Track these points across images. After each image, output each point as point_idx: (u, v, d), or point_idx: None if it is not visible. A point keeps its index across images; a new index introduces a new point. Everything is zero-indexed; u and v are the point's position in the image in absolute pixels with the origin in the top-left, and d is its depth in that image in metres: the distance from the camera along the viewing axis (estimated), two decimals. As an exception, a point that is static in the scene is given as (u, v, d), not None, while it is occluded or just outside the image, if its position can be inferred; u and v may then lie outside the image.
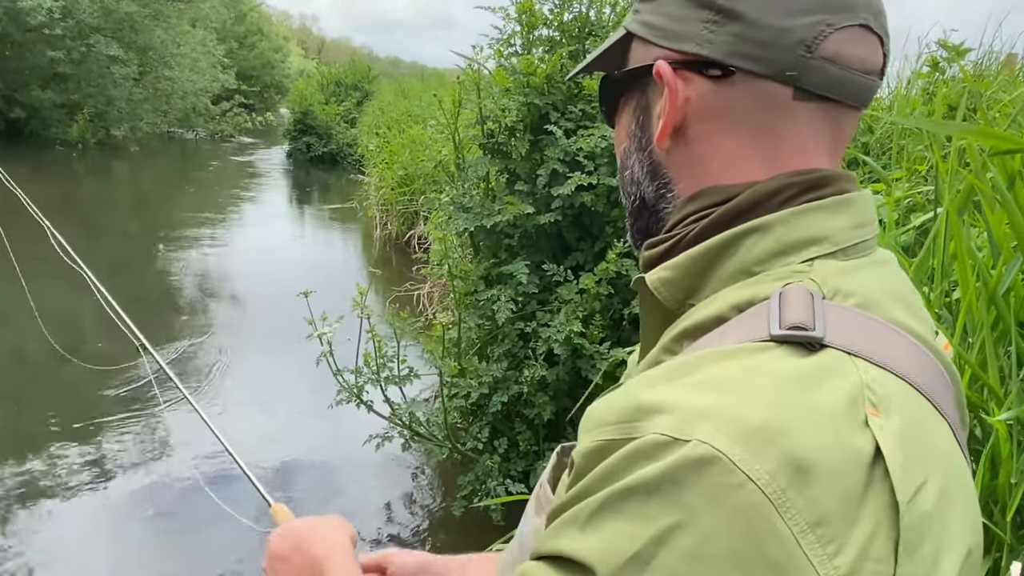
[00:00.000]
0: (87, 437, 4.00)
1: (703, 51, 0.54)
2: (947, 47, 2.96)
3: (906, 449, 0.42)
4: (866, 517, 0.40)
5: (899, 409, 0.44)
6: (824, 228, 0.53)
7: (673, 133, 0.57)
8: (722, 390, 0.43)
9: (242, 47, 33.73)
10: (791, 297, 0.48)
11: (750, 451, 0.40)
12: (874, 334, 0.48)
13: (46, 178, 13.43)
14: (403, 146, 8.58)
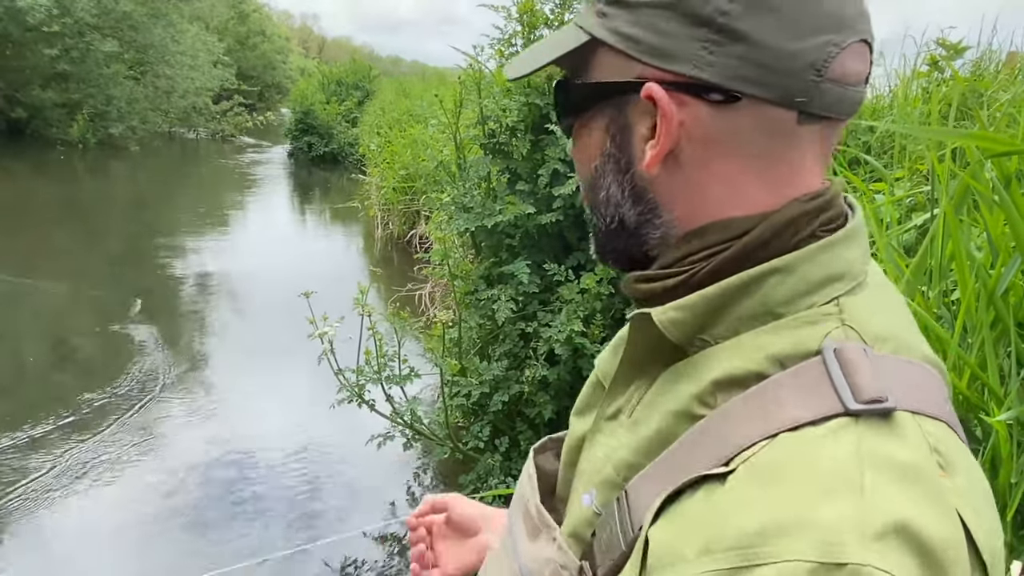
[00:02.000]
0: (95, 436, 4.01)
1: (703, 74, 0.50)
2: (945, 45, 2.95)
3: (973, 507, 0.44)
4: None
5: (958, 464, 0.45)
6: (843, 264, 0.52)
7: (666, 157, 0.54)
8: (846, 493, 0.41)
9: (243, 47, 33.75)
10: (851, 358, 0.47)
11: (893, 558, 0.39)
12: (918, 383, 0.48)
13: (47, 178, 13.45)
14: (404, 146, 8.58)
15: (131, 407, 4.38)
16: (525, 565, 0.65)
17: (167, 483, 3.61)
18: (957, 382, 1.39)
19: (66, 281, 6.80)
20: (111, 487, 3.55)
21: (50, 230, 9.01)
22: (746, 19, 0.49)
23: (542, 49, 0.60)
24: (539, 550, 0.64)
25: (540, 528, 0.66)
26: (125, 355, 5.20)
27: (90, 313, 6.11)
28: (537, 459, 0.73)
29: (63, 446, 3.87)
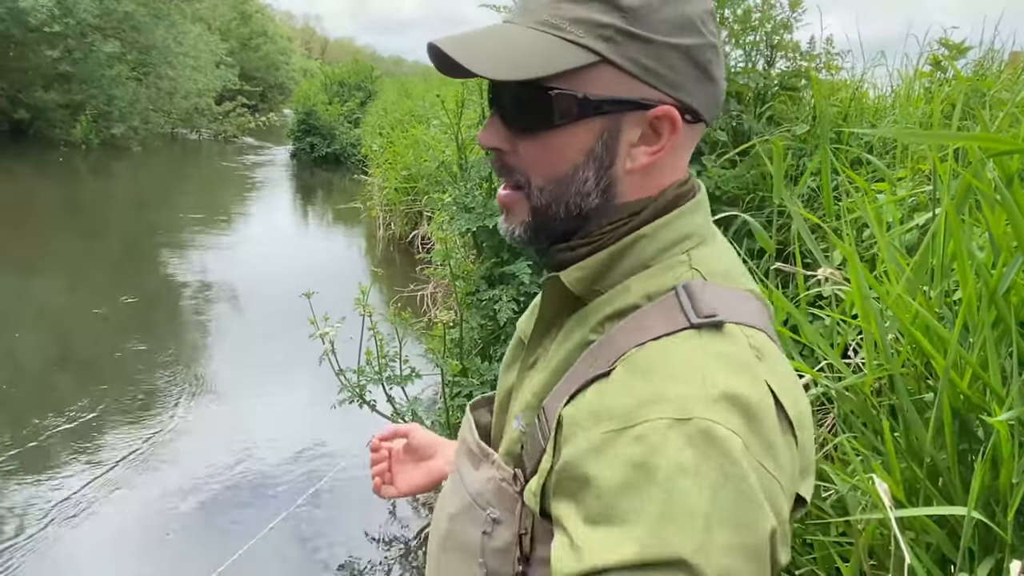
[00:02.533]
0: (96, 439, 4.01)
1: (693, 103, 0.68)
2: (948, 45, 2.95)
3: (779, 383, 0.63)
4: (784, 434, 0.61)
5: (769, 355, 0.65)
6: (692, 226, 0.72)
7: (652, 162, 0.70)
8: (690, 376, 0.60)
9: (246, 48, 33.80)
10: (694, 289, 0.66)
11: (724, 414, 0.57)
12: (739, 302, 0.68)
13: (49, 178, 13.47)
14: (406, 146, 8.58)
15: (131, 408, 4.38)
16: (472, 490, 0.79)
17: (165, 483, 3.61)
18: (958, 382, 1.38)
19: (68, 282, 6.82)
20: (112, 491, 3.55)
21: (52, 231, 9.03)
22: (715, 67, 0.69)
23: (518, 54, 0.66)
24: (482, 474, 0.79)
25: (481, 458, 0.81)
26: (127, 356, 5.21)
27: (91, 315, 6.12)
28: (474, 413, 0.90)
29: (62, 449, 3.88)
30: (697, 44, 0.67)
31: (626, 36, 0.65)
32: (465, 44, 0.67)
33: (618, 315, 0.69)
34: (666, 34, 0.66)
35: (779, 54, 3.58)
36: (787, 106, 3.42)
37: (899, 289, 1.46)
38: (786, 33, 3.46)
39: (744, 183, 3.21)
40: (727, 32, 3.57)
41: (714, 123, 3.31)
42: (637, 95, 0.67)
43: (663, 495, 0.54)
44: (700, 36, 0.67)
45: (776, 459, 0.59)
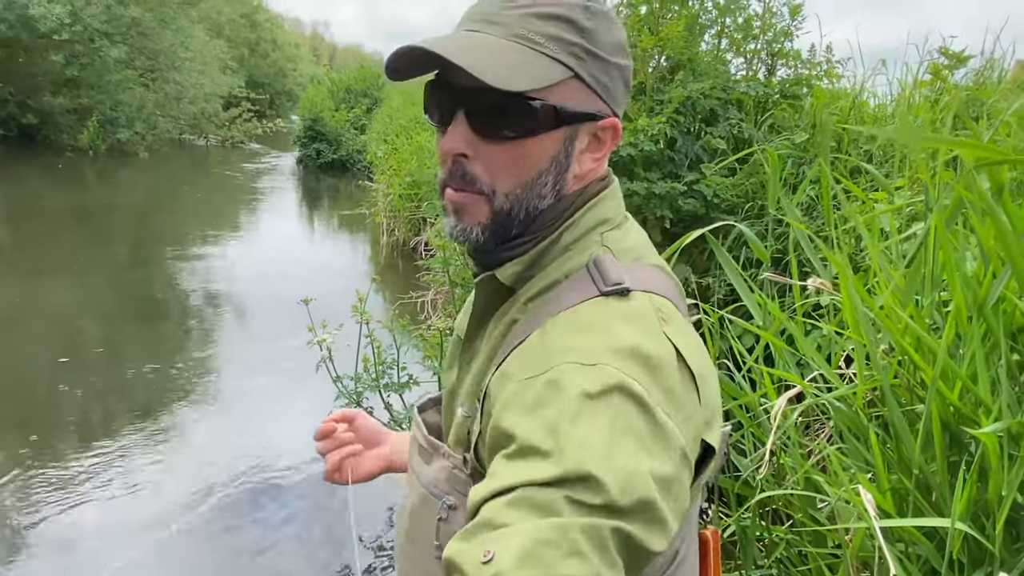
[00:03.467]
0: (97, 444, 4.02)
1: (620, 112, 0.79)
2: (948, 55, 2.94)
3: (683, 341, 0.69)
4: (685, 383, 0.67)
5: (673, 318, 0.72)
6: (606, 212, 0.80)
7: (597, 166, 0.80)
8: (597, 332, 0.67)
9: (254, 55, 33.99)
10: (604, 264, 0.73)
11: (626, 363, 0.63)
12: (648, 275, 0.75)
13: (56, 184, 13.55)
14: (410, 153, 8.60)
15: (134, 412, 4.39)
16: (427, 484, 0.83)
17: (164, 490, 3.61)
18: (948, 393, 1.37)
19: (73, 286, 6.85)
20: (112, 497, 3.55)
21: (58, 236, 9.08)
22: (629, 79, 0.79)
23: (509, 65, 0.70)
24: (434, 466, 0.83)
25: (431, 452, 0.86)
26: (130, 360, 5.23)
27: (96, 319, 6.14)
28: (421, 415, 0.94)
29: (66, 454, 3.89)
30: (628, 65, 0.78)
31: (589, 55, 0.73)
32: (458, 51, 0.69)
33: (539, 294, 0.76)
34: (611, 54, 0.75)
35: (780, 62, 3.58)
36: (788, 114, 3.42)
37: (887, 299, 1.45)
38: (787, 41, 3.47)
39: (743, 191, 3.21)
40: (728, 41, 3.58)
41: (713, 131, 3.32)
42: (594, 108, 0.75)
43: (569, 425, 0.59)
44: (628, 59, 0.79)
45: (676, 405, 0.64)
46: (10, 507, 3.38)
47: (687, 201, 3.14)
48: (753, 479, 1.92)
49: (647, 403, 0.61)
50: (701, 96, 3.16)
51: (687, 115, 3.22)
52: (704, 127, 3.32)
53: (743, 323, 1.93)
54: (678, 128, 3.19)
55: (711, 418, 0.71)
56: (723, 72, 3.42)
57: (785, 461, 1.94)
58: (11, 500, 3.43)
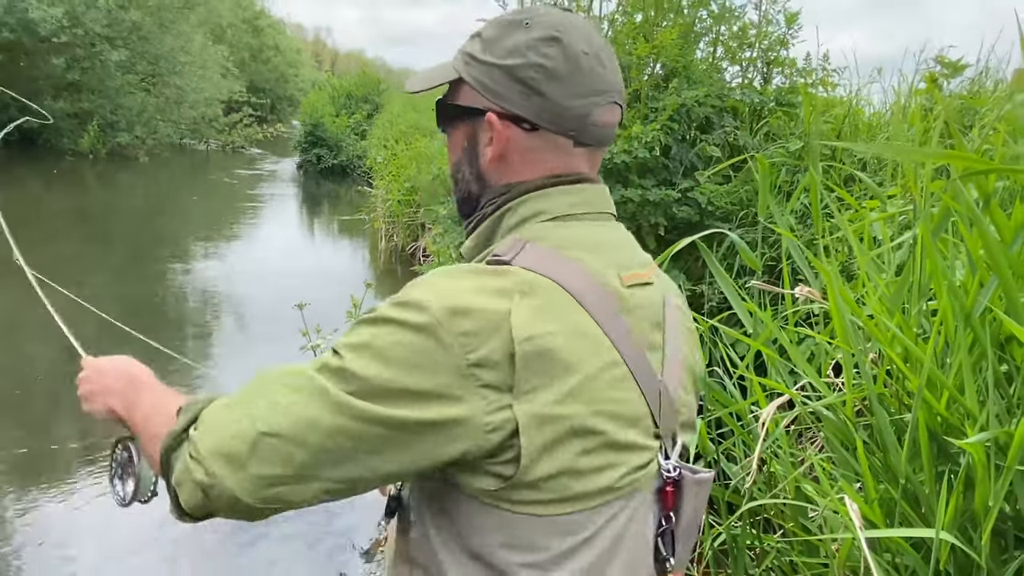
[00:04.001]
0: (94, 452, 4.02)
1: (519, 111, 0.86)
2: (944, 63, 2.94)
3: (535, 314, 0.74)
4: (494, 340, 0.72)
5: (543, 295, 0.77)
6: (545, 205, 0.87)
7: (498, 156, 0.88)
8: (436, 280, 0.77)
9: (256, 60, 34.05)
10: (504, 243, 0.85)
11: (437, 301, 0.73)
12: (548, 260, 0.80)
13: (56, 188, 13.56)
14: (410, 159, 8.62)
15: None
16: None
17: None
18: (934, 403, 1.37)
19: (72, 290, 6.84)
20: (111, 505, 3.53)
21: (57, 239, 9.08)
22: (543, 84, 0.84)
23: (434, 74, 0.94)
24: None
25: None
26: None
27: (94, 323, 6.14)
28: None
29: (63, 461, 3.87)
30: (517, 64, 0.85)
31: (474, 60, 0.88)
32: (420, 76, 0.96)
33: None
34: (499, 58, 0.86)
35: (775, 70, 3.59)
36: (783, 122, 3.42)
37: (875, 308, 1.45)
38: (782, 49, 3.47)
39: (738, 198, 3.20)
40: (723, 49, 3.58)
41: (708, 139, 3.32)
42: (479, 105, 0.88)
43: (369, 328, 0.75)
44: (523, 58, 0.84)
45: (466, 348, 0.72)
46: (7, 517, 3.36)
47: (681, 208, 3.13)
48: (743, 487, 1.91)
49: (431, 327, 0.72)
50: (696, 104, 3.17)
51: (682, 122, 3.22)
52: (699, 135, 3.32)
53: (733, 332, 1.93)
54: (673, 135, 3.20)
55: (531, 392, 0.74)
56: (718, 80, 3.42)
57: (776, 470, 1.93)
58: (8, 508, 3.41)
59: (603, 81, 0.86)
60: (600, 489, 0.78)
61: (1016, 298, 1.23)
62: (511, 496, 0.75)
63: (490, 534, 0.77)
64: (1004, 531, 1.35)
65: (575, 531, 0.78)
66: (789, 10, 3.34)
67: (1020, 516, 1.30)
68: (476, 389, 0.72)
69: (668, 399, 0.86)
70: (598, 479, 0.78)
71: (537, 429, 0.73)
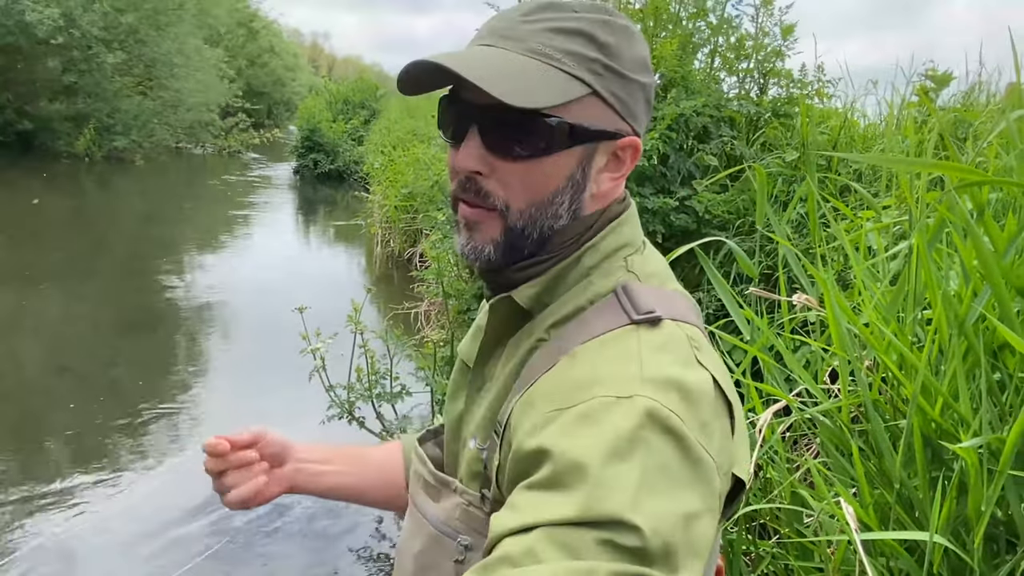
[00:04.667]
0: (88, 456, 4.01)
1: (641, 133, 0.76)
2: (934, 77, 2.99)
3: (717, 369, 0.68)
4: (720, 414, 0.66)
5: (705, 346, 0.71)
6: (628, 236, 0.77)
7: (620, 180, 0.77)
8: (630, 362, 0.64)
9: (253, 65, 34.06)
10: (632, 289, 0.72)
11: (662, 394, 0.61)
12: (672, 300, 0.73)
13: (52, 191, 13.53)
14: (407, 165, 8.64)
15: (126, 422, 4.38)
16: (436, 524, 0.79)
17: (157, 502, 3.60)
18: (928, 409, 1.40)
19: (66, 294, 6.84)
20: (106, 508, 3.53)
21: (51, 243, 9.06)
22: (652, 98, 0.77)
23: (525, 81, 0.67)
24: (446, 504, 0.79)
25: (440, 488, 0.81)
26: (122, 368, 5.22)
27: (88, 326, 6.13)
28: (423, 447, 0.90)
29: (55, 468, 3.86)
30: (650, 83, 0.76)
31: (608, 71, 0.71)
32: (470, 65, 0.66)
33: (564, 320, 0.73)
34: (632, 71, 0.72)
35: (772, 81, 3.63)
36: (779, 133, 3.46)
37: (871, 316, 1.48)
38: (778, 61, 3.51)
39: (735, 207, 3.24)
40: (720, 59, 3.62)
41: (706, 148, 3.35)
42: (613, 126, 0.73)
43: (600, 464, 0.56)
44: (651, 76, 0.76)
45: (710, 438, 0.63)
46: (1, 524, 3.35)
47: (679, 216, 3.17)
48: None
49: (684, 436, 0.59)
50: (694, 113, 3.20)
51: (680, 132, 3.26)
52: (696, 144, 3.36)
53: (731, 339, 1.95)
54: (671, 144, 3.23)
55: (741, 449, 0.70)
56: (716, 90, 3.46)
57: (772, 475, 1.96)
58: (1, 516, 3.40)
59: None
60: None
61: (1009, 307, 1.26)
62: None
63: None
64: (996, 535, 1.38)
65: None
66: (786, 22, 3.39)
67: (1012, 520, 1.33)
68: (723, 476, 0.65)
69: None
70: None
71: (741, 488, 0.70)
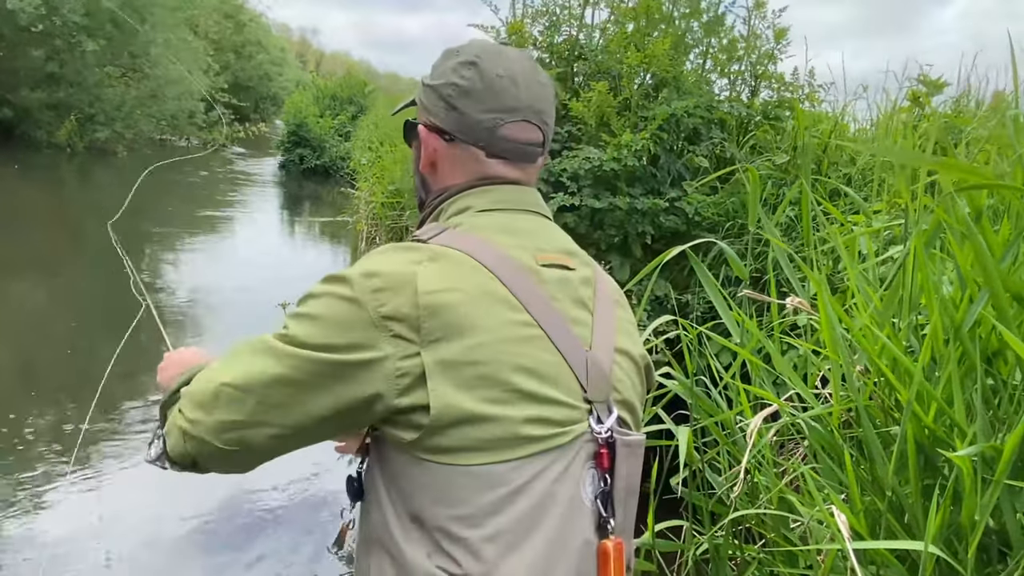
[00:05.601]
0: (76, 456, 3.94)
1: (440, 124, 1.01)
2: (926, 82, 2.99)
3: (440, 275, 0.85)
4: (402, 296, 0.83)
5: (450, 261, 0.88)
6: (471, 201, 0.99)
7: (429, 165, 1.05)
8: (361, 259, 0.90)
9: (239, 57, 33.76)
10: (427, 229, 0.97)
11: (355, 270, 0.86)
12: (460, 238, 0.92)
13: (31, 181, 13.34)
14: (394, 161, 8.58)
15: (106, 419, 4.31)
16: None
17: (158, 504, 3.53)
18: (923, 416, 1.37)
19: (42, 288, 6.73)
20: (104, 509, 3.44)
21: (29, 235, 8.93)
22: (457, 100, 0.99)
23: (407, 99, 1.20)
24: None
25: None
26: (100, 364, 5.13)
27: (67, 323, 6.04)
28: None
29: (33, 468, 3.78)
30: (440, 84, 1.00)
31: (422, 85, 1.05)
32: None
33: None
34: (432, 80, 1.02)
35: (763, 84, 3.62)
36: (769, 135, 3.45)
37: (866, 320, 1.46)
38: (770, 64, 3.50)
39: (724, 209, 3.22)
40: (712, 61, 3.61)
41: (696, 149, 3.33)
42: (419, 120, 1.05)
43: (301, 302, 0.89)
44: (445, 78, 1.00)
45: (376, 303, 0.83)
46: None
47: (668, 218, 3.15)
48: (727, 497, 1.91)
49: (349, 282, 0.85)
50: (685, 114, 3.18)
51: (671, 132, 3.24)
52: (687, 145, 3.33)
53: (721, 340, 1.93)
54: (661, 145, 3.21)
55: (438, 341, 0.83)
56: (707, 92, 3.45)
57: (759, 480, 1.93)
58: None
59: (514, 99, 0.98)
60: (516, 437, 0.83)
61: (1007, 312, 1.24)
62: (429, 444, 0.82)
63: (423, 491, 0.83)
64: (988, 544, 1.36)
65: (497, 484, 0.82)
66: (778, 25, 3.38)
67: (1004, 530, 1.31)
68: (388, 338, 0.82)
69: (599, 371, 0.91)
70: (511, 427, 0.82)
71: (442, 375, 0.81)
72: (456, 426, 0.81)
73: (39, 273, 7.20)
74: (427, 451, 0.82)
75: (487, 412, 0.82)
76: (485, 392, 0.82)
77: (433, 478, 0.83)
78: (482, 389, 0.82)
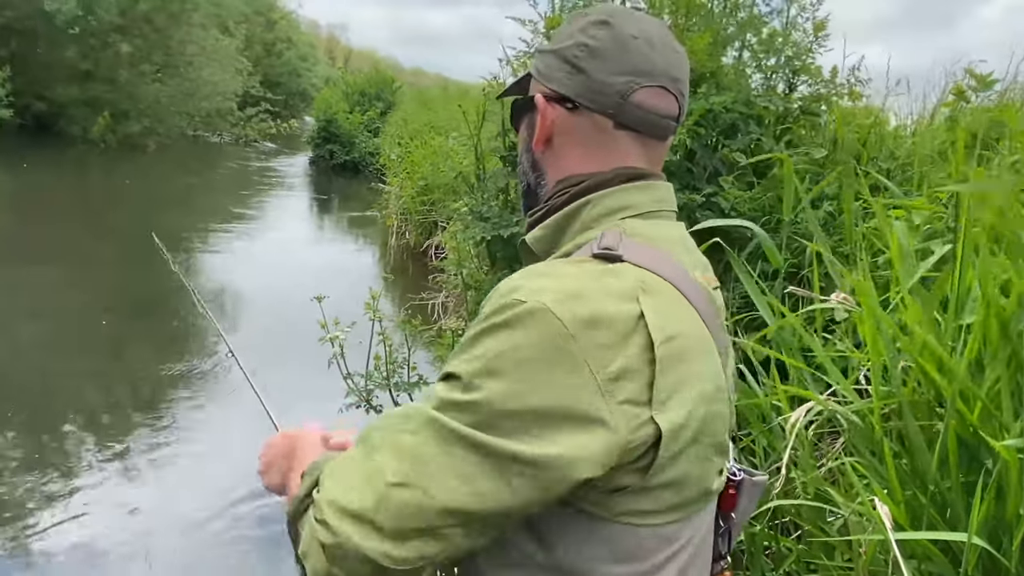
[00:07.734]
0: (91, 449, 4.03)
1: (562, 90, 0.86)
2: (975, 76, 2.94)
3: (661, 313, 0.72)
4: (632, 347, 0.69)
5: (661, 294, 0.74)
6: (632, 200, 0.84)
7: (545, 141, 0.89)
8: (553, 277, 0.73)
9: (270, 55, 34.09)
10: (607, 235, 0.79)
11: (561, 306, 0.68)
12: (653, 256, 0.78)
13: (65, 175, 13.57)
14: (424, 157, 8.63)
15: (135, 410, 4.39)
16: None
17: (175, 496, 3.61)
18: (967, 413, 1.38)
19: (73, 280, 6.87)
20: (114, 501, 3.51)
21: (61, 227, 9.12)
22: (585, 61, 0.84)
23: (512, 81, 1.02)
24: None
25: None
26: (131, 355, 5.24)
27: (94, 315, 6.16)
28: None
29: (62, 451, 3.85)
30: (566, 46, 0.86)
31: (539, 52, 0.92)
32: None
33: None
34: (555, 44, 0.88)
35: (801, 79, 3.59)
36: (807, 131, 3.42)
37: (911, 319, 1.46)
38: (808, 58, 3.47)
39: (760, 205, 3.21)
40: (750, 54, 3.58)
41: (732, 144, 3.32)
42: (535, 91, 0.90)
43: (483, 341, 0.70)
44: (572, 39, 0.86)
45: (603, 362, 0.68)
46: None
47: (704, 213, 3.14)
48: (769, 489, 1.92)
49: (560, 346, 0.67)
50: (723, 109, 3.17)
51: (707, 127, 3.23)
52: (723, 140, 3.32)
53: (761, 349, 1.93)
54: (698, 140, 3.20)
55: (671, 392, 0.71)
56: (745, 86, 3.43)
57: (796, 474, 1.94)
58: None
59: (649, 62, 0.83)
60: (702, 493, 0.79)
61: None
62: (621, 506, 0.72)
63: (593, 547, 0.73)
64: (1033, 539, 1.36)
65: (674, 539, 0.77)
66: (817, 18, 3.35)
67: (1050, 525, 1.31)
68: (616, 407, 0.67)
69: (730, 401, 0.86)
70: (703, 483, 0.78)
71: (674, 439, 0.70)
72: (664, 488, 0.73)
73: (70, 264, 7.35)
74: (610, 511, 0.72)
75: (693, 472, 0.75)
76: (698, 451, 0.75)
77: (610, 533, 0.73)
78: (695, 448, 0.74)
